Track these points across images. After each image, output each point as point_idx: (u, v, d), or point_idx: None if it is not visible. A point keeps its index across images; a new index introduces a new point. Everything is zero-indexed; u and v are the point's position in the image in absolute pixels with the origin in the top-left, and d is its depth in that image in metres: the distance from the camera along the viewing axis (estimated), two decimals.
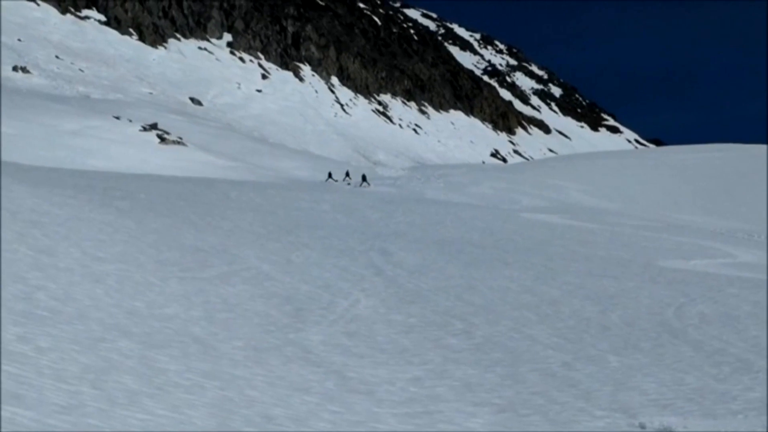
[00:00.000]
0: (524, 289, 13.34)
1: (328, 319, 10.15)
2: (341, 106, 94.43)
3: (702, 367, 8.89)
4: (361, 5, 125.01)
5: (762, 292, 14.11)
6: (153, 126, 42.20)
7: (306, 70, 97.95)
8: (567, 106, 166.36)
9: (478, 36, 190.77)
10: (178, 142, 40.43)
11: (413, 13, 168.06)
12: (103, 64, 71.18)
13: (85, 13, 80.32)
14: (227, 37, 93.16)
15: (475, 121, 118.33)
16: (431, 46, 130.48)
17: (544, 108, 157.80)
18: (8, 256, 9.32)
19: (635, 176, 49.78)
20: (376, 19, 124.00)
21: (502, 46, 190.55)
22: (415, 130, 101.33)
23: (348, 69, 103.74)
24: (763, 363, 9.05)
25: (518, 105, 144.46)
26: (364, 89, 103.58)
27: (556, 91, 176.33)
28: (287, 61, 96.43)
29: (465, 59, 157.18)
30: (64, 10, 78.28)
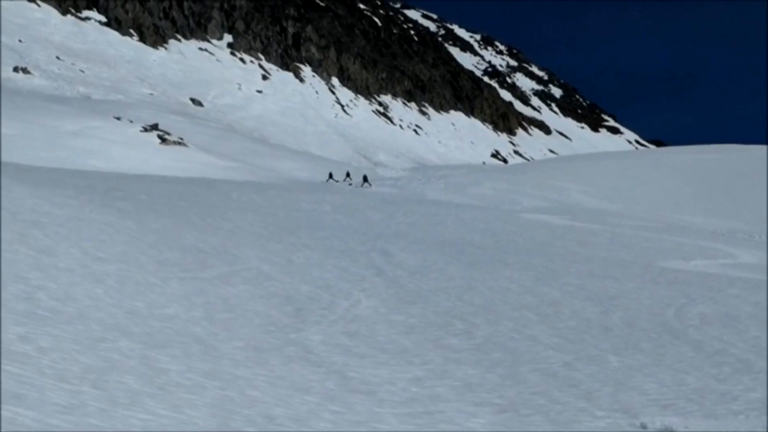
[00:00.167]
0: (525, 289, 13.34)
1: (329, 319, 10.16)
2: (342, 106, 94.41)
3: (703, 368, 8.89)
4: (362, 6, 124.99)
5: (762, 292, 14.11)
6: (154, 127, 42.20)
7: (306, 70, 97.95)
8: (567, 107, 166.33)
9: (478, 37, 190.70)
10: (179, 143, 40.42)
11: (413, 14, 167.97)
12: (104, 64, 71.20)
13: (85, 14, 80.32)
14: (228, 37, 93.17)
15: (475, 122, 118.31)
16: (431, 47, 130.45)
17: (544, 109, 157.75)
18: (9, 256, 9.32)
19: (636, 177, 49.75)
20: (376, 19, 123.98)
21: (502, 47, 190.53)
22: (415, 131, 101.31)
23: (348, 70, 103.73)
24: (764, 363, 9.05)
25: (519, 106, 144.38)
26: (365, 90, 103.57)
27: (556, 91, 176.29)
28: (288, 62, 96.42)
29: (465, 60, 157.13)
30: (64, 11, 78.28)
